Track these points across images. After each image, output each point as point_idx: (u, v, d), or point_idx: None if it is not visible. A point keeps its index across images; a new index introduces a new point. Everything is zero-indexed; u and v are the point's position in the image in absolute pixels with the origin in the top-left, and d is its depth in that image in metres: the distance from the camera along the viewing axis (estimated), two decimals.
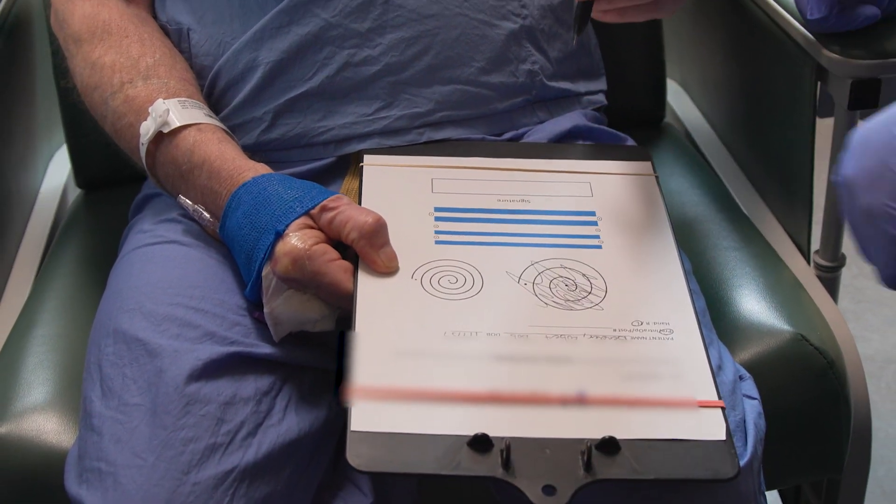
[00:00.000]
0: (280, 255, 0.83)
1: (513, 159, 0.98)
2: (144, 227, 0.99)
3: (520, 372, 0.78)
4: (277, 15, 0.98)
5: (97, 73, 0.97)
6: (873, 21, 1.05)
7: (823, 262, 1.19)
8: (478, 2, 1.00)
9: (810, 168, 1.14)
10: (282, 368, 0.86)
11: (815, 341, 1.01)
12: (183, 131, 0.92)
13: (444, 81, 0.99)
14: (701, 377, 0.79)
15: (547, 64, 1.04)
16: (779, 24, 1.14)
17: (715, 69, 1.37)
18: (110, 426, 0.82)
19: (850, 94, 1.07)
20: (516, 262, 0.87)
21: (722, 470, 0.73)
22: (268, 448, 0.81)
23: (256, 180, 0.88)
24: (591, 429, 0.74)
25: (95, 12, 1.00)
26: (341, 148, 0.99)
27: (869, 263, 0.75)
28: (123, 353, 0.86)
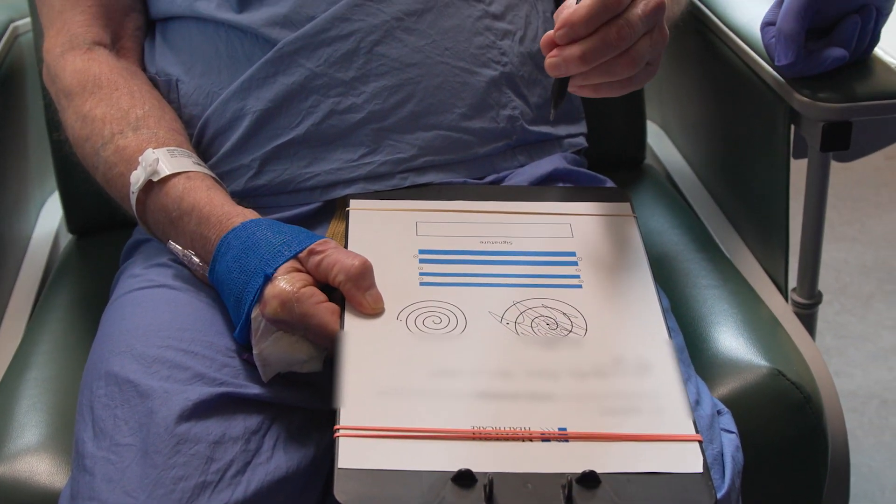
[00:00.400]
0: (269, 298, 0.85)
1: (495, 202, 1.00)
2: (135, 272, 1.01)
3: (502, 409, 0.80)
4: (264, 65, 1.00)
5: (88, 126, 1.00)
6: (842, 63, 1.08)
7: (800, 300, 1.22)
8: (459, 50, 1.03)
9: (786, 208, 1.16)
10: (270, 408, 0.88)
11: (792, 376, 1.03)
12: (172, 179, 0.94)
13: (427, 128, 1.02)
14: (678, 412, 0.81)
15: (527, 109, 1.07)
16: (752, 68, 1.17)
17: (694, 112, 1.40)
18: (102, 466, 0.83)
19: (822, 136, 1.09)
20: (499, 302, 0.89)
21: (699, 501, 0.75)
22: (256, 486, 0.83)
23: (245, 225, 0.90)
24: (572, 463, 0.76)
25: (86, 67, 1.03)
26: (327, 193, 1.01)
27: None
28: (115, 395, 0.87)
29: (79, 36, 1.05)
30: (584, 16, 0.83)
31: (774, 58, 1.10)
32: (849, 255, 2.22)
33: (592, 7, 0.83)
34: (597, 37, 0.84)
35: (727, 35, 1.22)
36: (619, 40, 0.84)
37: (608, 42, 0.84)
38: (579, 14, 0.83)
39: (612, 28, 0.84)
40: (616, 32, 0.84)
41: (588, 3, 0.83)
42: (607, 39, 0.84)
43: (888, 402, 1.85)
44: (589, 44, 0.84)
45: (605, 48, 0.84)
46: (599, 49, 0.84)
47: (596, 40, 0.84)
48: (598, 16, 0.83)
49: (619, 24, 0.84)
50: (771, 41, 1.11)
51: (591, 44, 0.84)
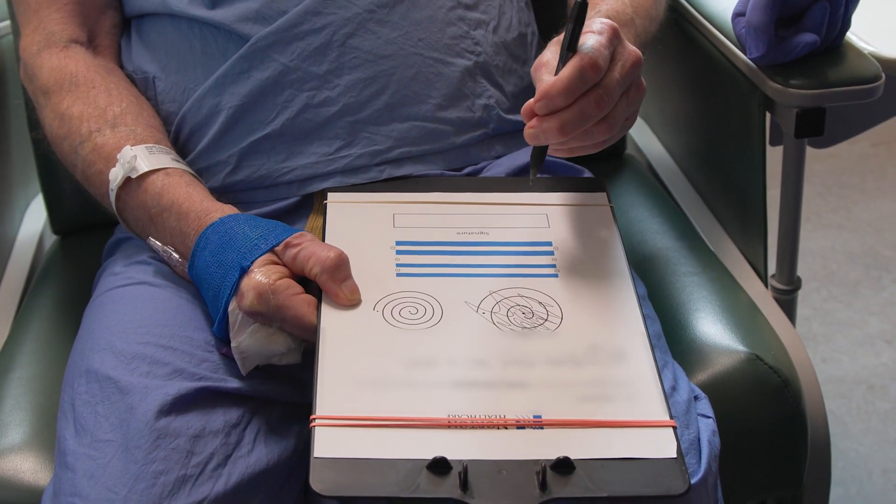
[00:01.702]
0: (245, 290, 0.85)
1: (471, 193, 1.01)
2: (116, 270, 1.01)
3: (478, 397, 0.81)
4: (237, 61, 1.01)
5: (66, 124, 1.00)
6: (813, 48, 1.09)
7: (780, 286, 1.22)
8: (432, 41, 1.04)
9: (763, 194, 1.17)
10: (250, 402, 0.88)
11: (770, 361, 1.03)
12: (151, 176, 0.95)
13: (402, 119, 1.02)
14: (653, 398, 0.82)
15: (503, 98, 1.07)
16: (727, 57, 1.18)
17: (673, 101, 1.41)
18: (84, 462, 0.84)
19: (796, 123, 1.10)
20: (475, 292, 0.90)
21: (673, 486, 0.76)
22: (237, 479, 0.83)
23: (223, 220, 0.91)
24: (547, 450, 0.77)
25: (63, 65, 1.03)
26: (305, 187, 1.02)
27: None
28: (95, 392, 0.88)
29: (55, 34, 1.05)
30: (562, 89, 0.83)
31: (746, 49, 1.10)
32: (835, 243, 2.23)
33: (571, 79, 0.83)
34: (575, 108, 0.84)
35: (702, 24, 1.23)
36: (597, 110, 0.85)
37: (586, 113, 0.84)
38: (558, 88, 0.83)
39: (590, 98, 0.84)
40: (595, 103, 0.84)
41: (567, 75, 0.83)
42: (585, 111, 0.84)
43: (875, 387, 1.85)
44: (567, 115, 0.84)
45: (583, 119, 0.84)
46: (578, 120, 0.84)
47: (574, 112, 0.84)
48: (577, 88, 0.83)
49: (598, 94, 0.84)
50: (742, 32, 1.12)
51: (570, 116, 0.84)
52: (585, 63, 0.83)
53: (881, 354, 1.93)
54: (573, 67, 0.83)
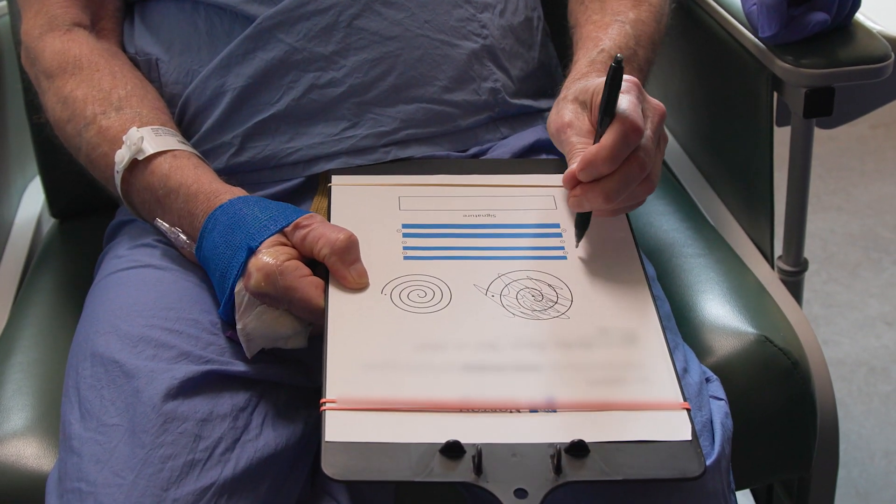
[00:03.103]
0: (252, 271, 0.84)
1: (478, 175, 1.00)
2: (119, 253, 1.00)
3: (489, 381, 0.80)
4: (242, 42, 1.00)
5: (70, 107, 0.99)
6: (824, 27, 1.08)
7: (786, 267, 1.22)
8: (438, 23, 1.03)
9: (770, 176, 1.16)
10: (257, 385, 0.88)
11: (779, 342, 1.03)
12: (158, 158, 0.94)
13: (408, 100, 1.01)
14: (666, 380, 0.81)
15: (509, 82, 1.06)
16: (734, 36, 1.17)
17: (676, 82, 1.40)
18: (90, 447, 0.83)
19: (805, 102, 1.09)
20: (483, 274, 0.89)
21: (688, 469, 0.75)
22: (245, 463, 0.83)
23: (232, 202, 0.90)
24: (560, 433, 0.76)
25: (66, 48, 1.02)
26: (309, 168, 1.01)
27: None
28: (101, 376, 0.87)
29: (58, 17, 1.04)
30: (607, 157, 0.83)
31: (757, 27, 1.09)
32: (835, 225, 2.22)
33: (615, 146, 0.82)
34: (618, 175, 0.84)
35: (708, 4, 1.22)
36: (640, 172, 0.84)
37: (630, 178, 0.84)
38: (603, 156, 0.82)
39: (632, 163, 0.84)
40: (638, 167, 0.84)
41: (611, 142, 0.82)
42: (629, 176, 0.84)
43: (876, 369, 1.85)
44: (611, 184, 0.84)
45: (627, 184, 0.84)
46: (622, 187, 0.84)
47: (618, 180, 0.84)
48: (622, 153, 0.83)
49: (640, 158, 0.84)
50: (752, 9, 1.11)
51: (614, 184, 0.84)
52: (628, 128, 0.83)
53: (882, 336, 1.92)
54: (617, 133, 0.83)
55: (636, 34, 1.01)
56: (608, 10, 1.03)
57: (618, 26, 1.01)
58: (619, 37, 1.00)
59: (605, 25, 1.01)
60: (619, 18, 1.02)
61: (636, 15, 1.03)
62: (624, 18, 1.02)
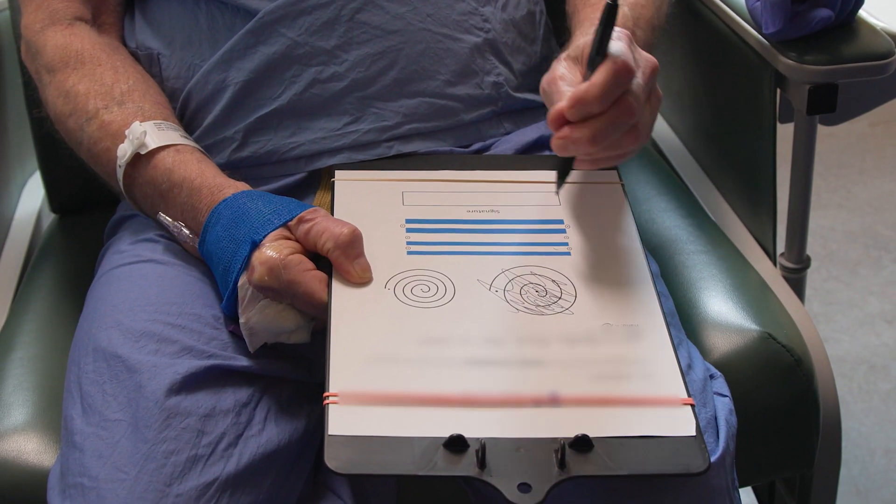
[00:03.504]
0: (256, 264, 0.84)
1: (481, 171, 1.00)
2: (121, 248, 1.00)
3: (493, 375, 0.80)
4: (244, 36, 0.99)
5: (71, 101, 0.98)
6: (828, 23, 1.08)
7: (789, 264, 1.21)
8: (440, 17, 1.02)
9: (773, 172, 1.16)
10: (260, 380, 0.87)
11: (782, 339, 1.03)
12: (160, 152, 0.93)
13: (411, 95, 1.01)
14: (670, 376, 0.81)
15: (511, 76, 1.06)
16: (737, 32, 1.16)
17: (679, 79, 1.40)
18: (92, 442, 0.83)
19: (808, 99, 1.09)
20: (487, 270, 0.89)
21: (693, 464, 0.75)
22: (249, 459, 0.83)
23: (235, 196, 0.89)
24: (564, 428, 0.76)
25: (67, 42, 1.01)
26: (312, 163, 1.00)
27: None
28: (103, 371, 0.87)
29: (59, 11, 1.03)
30: (597, 94, 0.80)
31: (761, 24, 1.09)
32: (835, 223, 2.22)
33: (606, 83, 0.80)
34: (606, 116, 0.82)
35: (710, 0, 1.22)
36: (629, 117, 0.82)
37: (618, 121, 0.82)
38: (593, 92, 0.81)
39: (620, 106, 0.82)
40: (626, 110, 0.82)
41: (602, 79, 0.80)
42: (617, 119, 0.82)
43: (876, 367, 1.85)
44: (599, 124, 0.82)
45: (615, 128, 0.82)
46: (609, 129, 0.82)
47: (605, 121, 0.82)
48: (613, 92, 0.81)
49: (628, 101, 0.82)
50: (755, 5, 1.10)
51: (601, 124, 0.82)
52: (620, 66, 0.81)
53: (882, 334, 1.92)
54: (608, 71, 0.81)
55: (634, 16, 1.00)
56: None
57: None
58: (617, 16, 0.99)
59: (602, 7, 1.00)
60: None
61: None
62: (622, 1, 1.01)
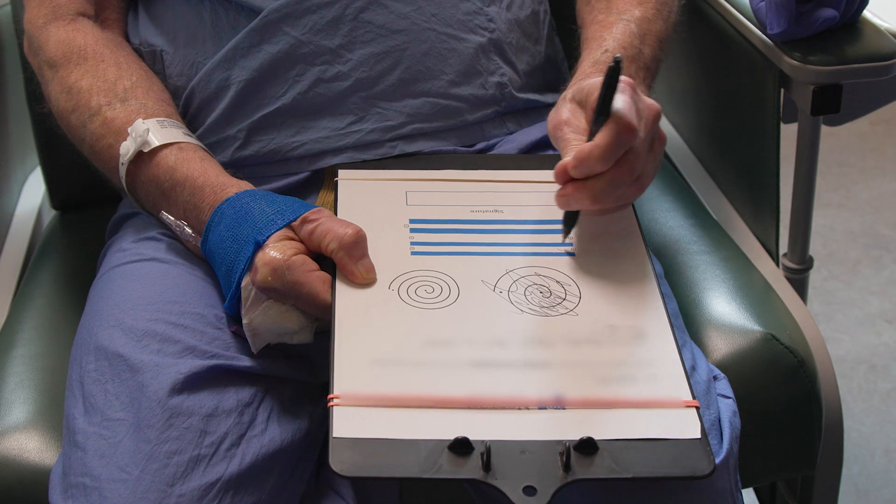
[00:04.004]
0: (260, 265, 0.84)
1: (485, 171, 0.99)
2: (123, 246, 0.99)
3: (498, 377, 0.80)
4: (248, 34, 0.99)
5: (74, 97, 0.98)
6: (832, 23, 1.07)
7: (792, 265, 1.21)
8: (445, 16, 1.02)
9: (776, 173, 1.16)
10: (263, 380, 0.87)
11: (786, 340, 1.02)
12: (163, 150, 0.93)
13: (415, 95, 1.01)
14: (675, 378, 0.81)
15: (515, 76, 1.06)
16: (741, 32, 1.16)
17: (682, 79, 1.40)
18: (94, 442, 0.83)
19: (813, 99, 1.09)
20: (491, 270, 0.88)
21: (698, 467, 0.75)
22: (251, 459, 0.82)
23: (239, 196, 0.89)
24: (569, 430, 0.76)
25: (70, 38, 1.01)
26: (315, 162, 1.00)
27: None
28: (105, 370, 0.86)
29: (62, 6, 1.03)
30: (600, 156, 0.82)
31: (765, 24, 1.09)
32: (835, 222, 2.22)
33: (609, 146, 0.82)
34: (608, 177, 0.83)
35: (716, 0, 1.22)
36: (628, 176, 0.84)
37: (617, 181, 0.84)
38: (596, 155, 0.82)
39: (622, 166, 0.83)
40: (627, 170, 0.83)
41: (605, 141, 0.82)
42: (616, 179, 0.83)
43: (876, 367, 1.85)
44: (599, 185, 0.84)
45: (614, 187, 0.84)
46: (610, 188, 0.84)
47: (606, 181, 0.83)
48: (614, 153, 0.82)
49: (629, 162, 0.83)
50: (760, 6, 1.10)
51: (603, 184, 0.83)
52: (622, 128, 0.82)
53: (882, 334, 1.92)
54: (610, 133, 0.82)
55: (641, 32, 1.01)
56: (613, 9, 1.03)
57: (622, 25, 1.00)
58: (623, 36, 0.99)
59: (610, 25, 1.01)
60: (624, 17, 1.01)
61: (642, 13, 1.02)
62: (629, 17, 1.01)
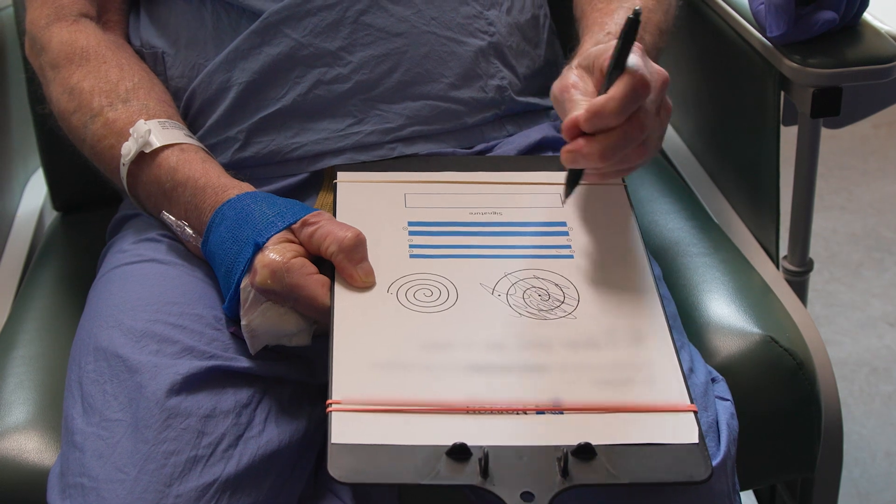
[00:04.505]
0: (259, 267, 0.84)
1: (484, 173, 0.99)
2: (123, 247, 1.00)
3: (496, 382, 0.80)
4: (249, 36, 0.99)
5: (76, 98, 0.98)
6: (832, 26, 1.07)
7: (791, 267, 1.21)
8: (445, 20, 1.02)
9: (776, 175, 1.16)
10: (261, 381, 0.87)
11: (785, 343, 1.02)
12: (165, 151, 0.93)
13: (415, 97, 1.01)
14: (673, 382, 0.81)
15: (515, 80, 1.06)
16: (741, 35, 1.16)
17: (682, 81, 1.40)
18: (92, 442, 0.83)
19: (812, 102, 1.09)
20: (490, 273, 0.88)
21: (695, 472, 0.75)
22: (249, 460, 0.82)
23: (240, 197, 0.89)
24: (567, 435, 0.76)
25: (73, 39, 1.01)
26: (314, 164, 1.00)
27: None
28: (104, 370, 0.87)
29: (64, 7, 1.03)
30: (615, 109, 0.80)
31: (765, 27, 1.09)
32: (837, 224, 2.22)
33: (625, 98, 0.80)
34: (618, 132, 0.82)
35: (716, 2, 1.22)
36: (639, 133, 0.82)
37: (629, 137, 0.82)
38: (611, 106, 0.80)
39: (633, 122, 0.82)
40: (638, 127, 0.82)
41: (621, 93, 0.80)
42: (628, 134, 0.82)
43: (878, 369, 1.85)
44: (611, 139, 0.82)
45: (625, 143, 0.82)
46: (620, 145, 0.82)
47: (617, 136, 0.82)
48: (630, 107, 0.81)
49: (640, 117, 0.82)
50: (760, 8, 1.10)
51: (613, 139, 0.82)
52: (638, 81, 0.81)
53: (884, 336, 1.92)
54: (627, 86, 0.81)
55: (643, 21, 1.00)
56: None
57: (623, 12, 1.00)
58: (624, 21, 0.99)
59: (611, 11, 1.00)
60: (625, 4, 1.01)
61: (642, 2, 1.02)
62: (630, 4, 1.01)
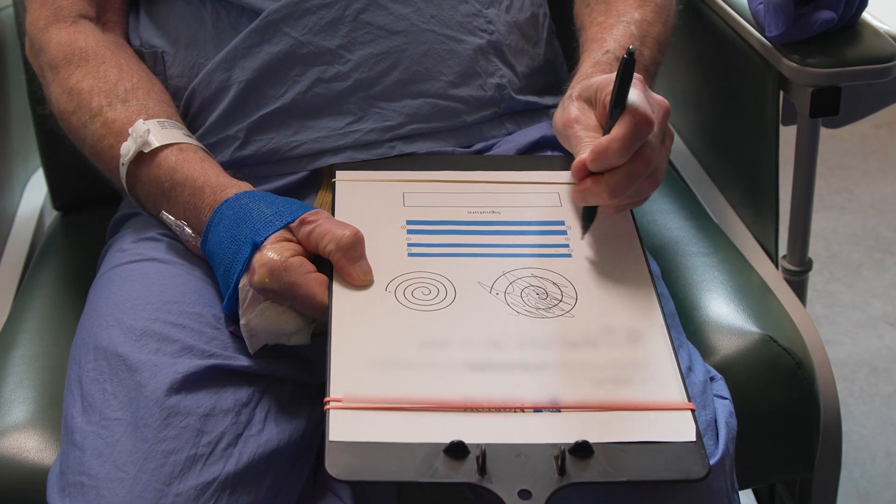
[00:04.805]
0: (257, 266, 0.84)
1: (483, 172, 1.00)
2: (123, 246, 1.00)
3: (493, 380, 0.80)
4: (248, 35, 0.99)
5: (75, 98, 0.99)
6: (830, 25, 1.08)
7: (791, 267, 1.21)
8: (445, 18, 1.02)
9: (775, 175, 1.16)
10: (260, 380, 0.87)
11: (784, 342, 1.02)
12: (164, 151, 0.94)
13: (414, 95, 1.01)
14: (670, 380, 0.81)
15: (514, 78, 1.06)
16: (741, 34, 1.16)
17: (681, 80, 1.40)
18: (92, 441, 0.83)
19: (811, 102, 1.09)
20: (488, 272, 0.89)
21: (693, 470, 0.75)
22: (248, 458, 0.83)
23: (238, 196, 0.89)
24: (565, 434, 0.76)
25: (72, 39, 1.01)
26: (314, 162, 1.00)
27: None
28: (103, 369, 0.87)
29: (64, 8, 1.04)
30: (619, 149, 0.82)
31: (764, 26, 1.09)
32: (837, 224, 2.22)
33: (628, 138, 0.82)
34: (625, 170, 0.84)
35: (715, 2, 1.22)
36: (645, 168, 0.84)
37: (635, 174, 0.84)
38: (615, 147, 0.82)
39: (639, 159, 0.84)
40: (643, 162, 0.84)
41: (623, 133, 0.82)
42: (634, 171, 0.84)
43: (878, 369, 1.85)
44: (618, 178, 0.84)
45: (631, 180, 0.84)
46: (627, 182, 0.84)
47: (623, 174, 0.84)
48: (633, 145, 0.83)
49: (646, 153, 0.84)
50: (759, 8, 1.10)
51: (620, 178, 0.84)
52: (640, 120, 0.82)
53: (884, 337, 1.92)
54: (629, 126, 0.82)
55: (641, 34, 1.01)
56: (612, 11, 1.03)
57: (622, 27, 1.01)
58: (623, 37, 1.00)
59: (610, 27, 1.01)
60: (623, 19, 1.02)
61: (641, 15, 1.03)
62: (629, 19, 1.02)
